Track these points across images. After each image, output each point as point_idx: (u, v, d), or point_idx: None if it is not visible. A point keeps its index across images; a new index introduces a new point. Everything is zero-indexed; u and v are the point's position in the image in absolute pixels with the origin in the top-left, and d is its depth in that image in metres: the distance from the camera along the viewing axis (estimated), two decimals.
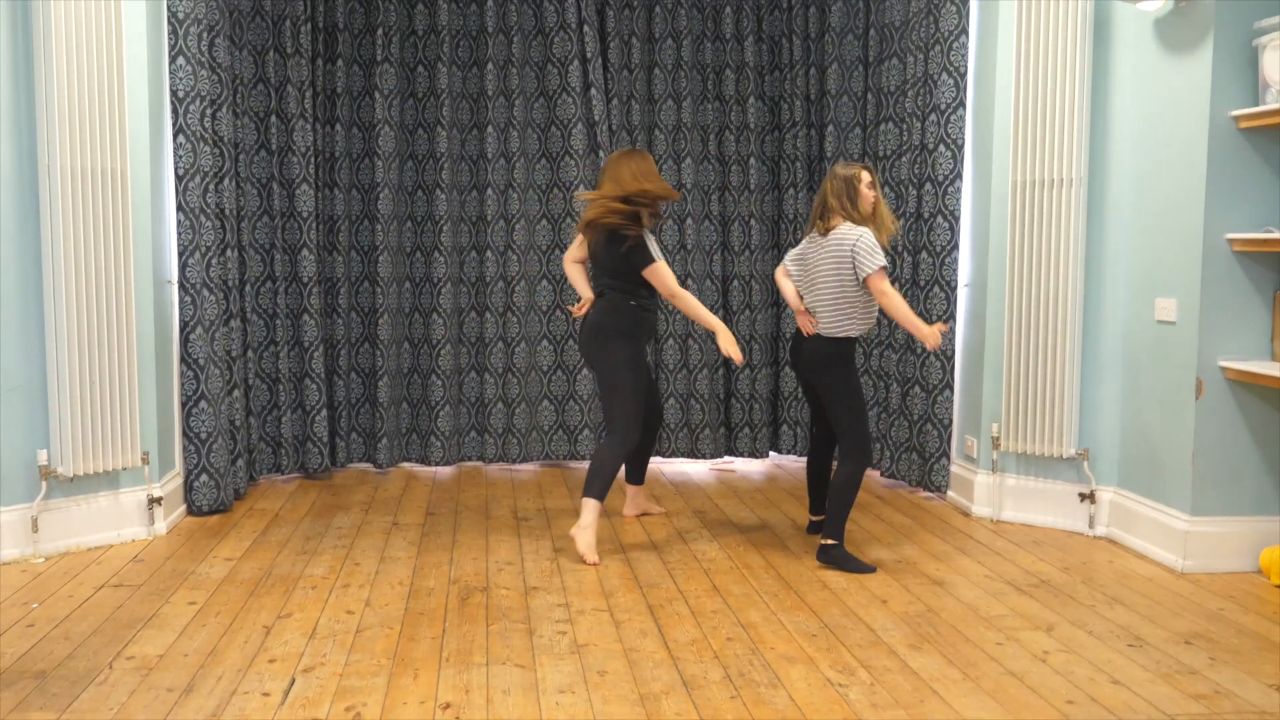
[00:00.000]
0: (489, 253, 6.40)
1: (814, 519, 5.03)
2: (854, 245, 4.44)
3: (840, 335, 4.54)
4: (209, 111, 5.33)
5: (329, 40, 6.19)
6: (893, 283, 5.97)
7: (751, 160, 6.43)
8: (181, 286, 5.18)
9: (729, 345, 4.59)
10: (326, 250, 6.27)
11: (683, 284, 6.43)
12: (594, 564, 4.53)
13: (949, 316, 5.55)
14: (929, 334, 4.44)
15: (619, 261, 4.68)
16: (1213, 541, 4.48)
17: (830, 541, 4.51)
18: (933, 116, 5.55)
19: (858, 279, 4.46)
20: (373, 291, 6.34)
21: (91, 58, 4.57)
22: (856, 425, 4.53)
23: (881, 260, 4.43)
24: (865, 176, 4.56)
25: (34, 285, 4.57)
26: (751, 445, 6.60)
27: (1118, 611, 4.03)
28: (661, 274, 4.66)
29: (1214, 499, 4.49)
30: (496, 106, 6.32)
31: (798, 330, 4.73)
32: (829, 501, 4.54)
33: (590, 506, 4.61)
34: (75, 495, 4.73)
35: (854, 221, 4.53)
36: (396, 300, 6.38)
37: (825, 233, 4.55)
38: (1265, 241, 4.28)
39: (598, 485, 4.62)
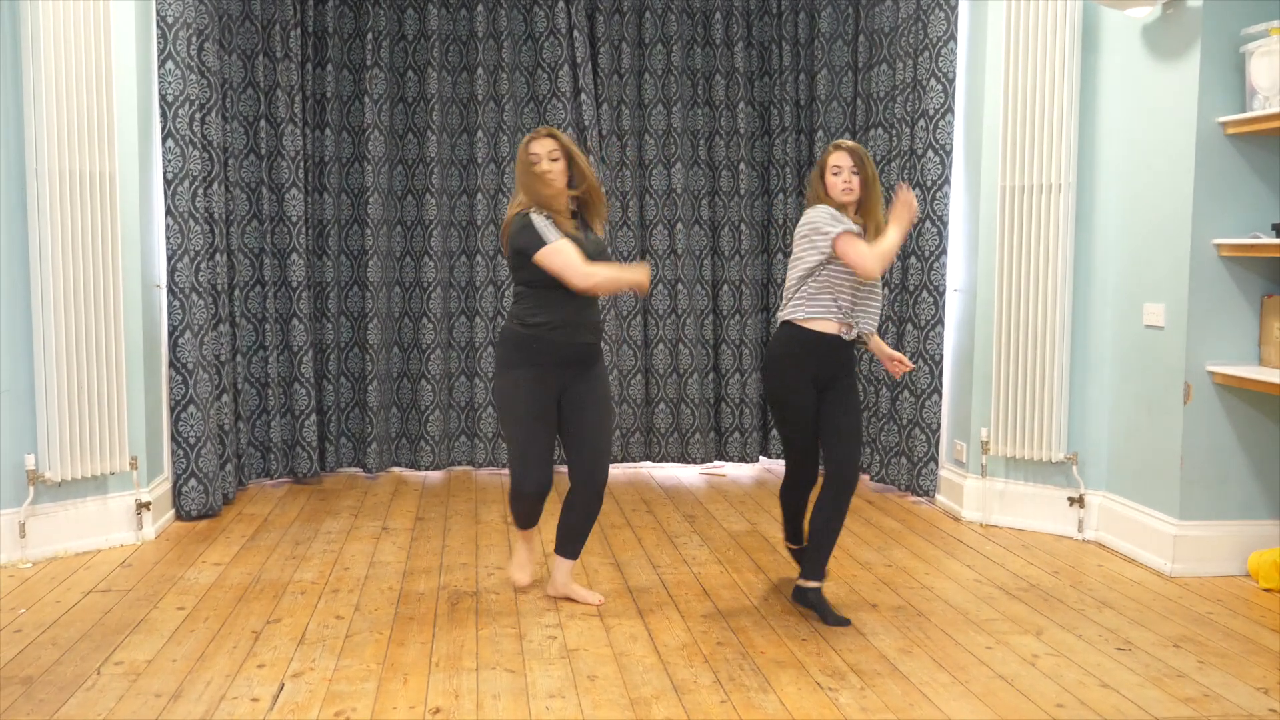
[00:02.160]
0: (479, 257, 6.40)
1: (791, 547, 4.40)
2: (810, 222, 3.87)
3: (785, 317, 3.96)
4: (198, 116, 5.32)
5: (318, 45, 6.19)
6: (882, 288, 5.97)
7: (741, 165, 6.44)
8: (170, 291, 5.17)
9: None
10: (316, 255, 6.26)
11: (672, 289, 6.44)
12: (522, 586, 4.24)
13: (938, 321, 5.56)
14: (907, 206, 3.87)
15: None
16: (1201, 545, 4.49)
17: (811, 584, 4.02)
18: (921, 122, 5.57)
19: (822, 255, 3.84)
20: (362, 296, 6.33)
21: (80, 62, 4.56)
22: (785, 444, 4.07)
23: (844, 225, 3.80)
24: (831, 159, 3.93)
25: (22, 289, 4.55)
26: (741, 450, 6.60)
27: (1107, 615, 4.04)
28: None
29: (1202, 503, 4.50)
30: (486, 111, 6.32)
31: None
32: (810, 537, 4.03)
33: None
34: (63, 500, 4.71)
35: (831, 206, 3.93)
36: (386, 305, 6.37)
37: None
38: (1252, 247, 4.30)
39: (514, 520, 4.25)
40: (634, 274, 3.88)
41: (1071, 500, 5.03)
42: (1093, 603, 4.17)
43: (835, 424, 3.98)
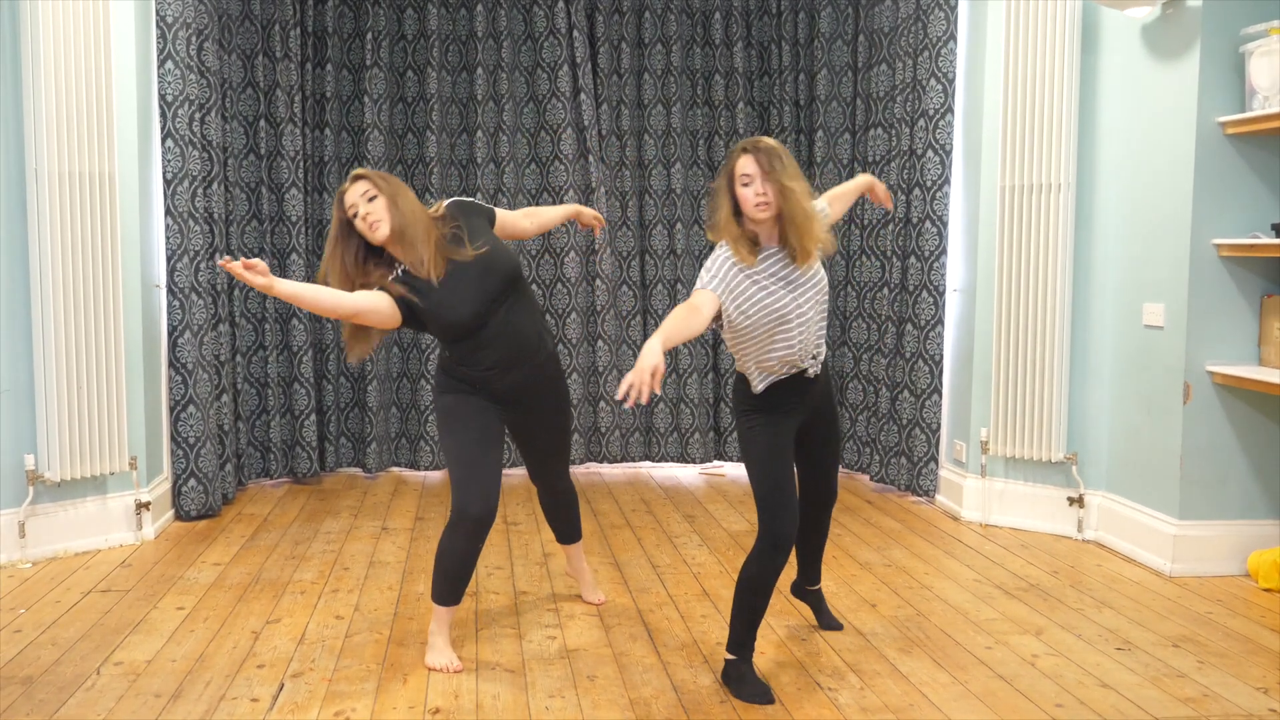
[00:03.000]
0: None
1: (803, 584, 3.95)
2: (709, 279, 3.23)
3: (741, 372, 3.39)
4: (198, 116, 5.32)
5: (318, 45, 6.18)
6: (882, 288, 5.98)
7: None
8: (170, 291, 5.17)
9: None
10: (316, 254, 6.25)
11: (672, 289, 6.45)
12: (456, 670, 3.48)
13: (938, 321, 5.56)
14: (636, 372, 2.86)
15: None
16: (1201, 545, 4.49)
17: (729, 656, 3.36)
18: (921, 122, 5.57)
19: (729, 320, 3.24)
20: None
21: (79, 61, 4.56)
22: (760, 501, 3.29)
23: (705, 280, 3.19)
24: (739, 166, 3.17)
25: (21, 289, 4.55)
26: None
27: (1106, 615, 4.04)
28: None
29: (1202, 503, 4.50)
30: (486, 111, 6.32)
31: None
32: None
33: (435, 615, 3.56)
34: (63, 500, 4.71)
35: (727, 238, 3.24)
36: None
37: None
38: (1252, 247, 4.30)
39: (436, 584, 3.53)
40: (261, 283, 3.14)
41: (1071, 500, 5.03)
42: (1093, 603, 4.17)
43: (818, 457, 3.55)
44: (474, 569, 3.50)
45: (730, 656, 3.35)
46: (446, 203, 3.51)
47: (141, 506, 4.90)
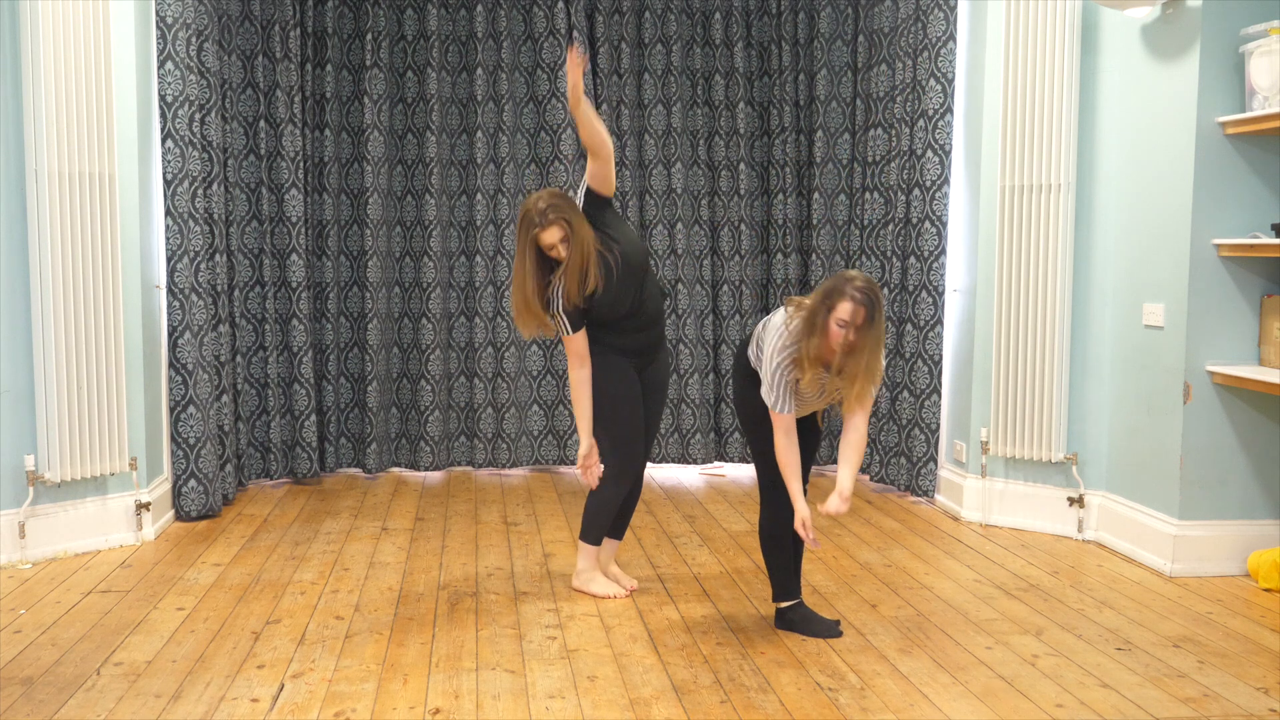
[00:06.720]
0: (478, 258, 6.40)
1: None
2: (770, 359, 3.57)
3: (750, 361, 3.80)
4: (198, 116, 5.32)
5: (318, 45, 6.19)
6: (881, 288, 5.98)
7: (741, 165, 6.44)
8: (170, 291, 5.17)
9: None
10: (315, 255, 6.26)
11: (672, 288, 6.45)
12: (628, 591, 4.23)
13: (937, 321, 5.57)
14: (805, 519, 3.62)
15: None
16: (1201, 545, 4.49)
17: (784, 604, 3.85)
18: (920, 122, 5.57)
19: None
20: (362, 296, 6.33)
21: (79, 62, 4.56)
22: (770, 477, 3.77)
23: (779, 406, 3.57)
24: (840, 309, 3.40)
25: (21, 289, 4.55)
26: (742, 450, 6.60)
27: (1106, 615, 4.04)
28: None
29: (1202, 503, 4.50)
30: (486, 111, 6.32)
31: None
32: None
33: (584, 554, 4.27)
34: (63, 500, 4.71)
35: (802, 339, 3.49)
36: (386, 305, 6.37)
37: (791, 317, 3.56)
38: (1252, 247, 4.30)
39: (591, 529, 4.26)
40: (583, 440, 4.10)
41: (1071, 500, 5.03)
42: (1093, 603, 4.17)
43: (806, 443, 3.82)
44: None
45: (786, 604, 3.82)
46: (583, 203, 3.98)
47: (141, 507, 4.90)
